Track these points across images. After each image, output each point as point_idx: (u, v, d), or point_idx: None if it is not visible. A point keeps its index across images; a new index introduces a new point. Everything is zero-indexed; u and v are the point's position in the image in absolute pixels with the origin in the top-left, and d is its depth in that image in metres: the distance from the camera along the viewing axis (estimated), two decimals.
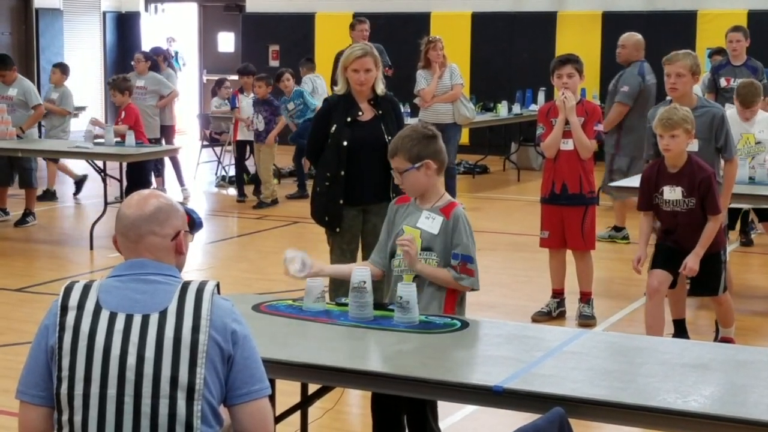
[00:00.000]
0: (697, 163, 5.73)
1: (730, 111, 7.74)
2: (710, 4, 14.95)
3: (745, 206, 7.96)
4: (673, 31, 14.85)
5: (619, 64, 9.68)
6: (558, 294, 7.17)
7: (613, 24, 15.36)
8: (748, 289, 8.17)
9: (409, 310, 3.88)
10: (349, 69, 5.85)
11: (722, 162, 6.27)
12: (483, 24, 16.12)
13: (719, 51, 10.45)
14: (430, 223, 4.20)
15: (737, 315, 6.52)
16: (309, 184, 9.98)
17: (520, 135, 14.65)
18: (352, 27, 11.91)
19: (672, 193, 5.71)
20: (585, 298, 7.09)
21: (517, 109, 14.16)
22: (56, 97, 11.75)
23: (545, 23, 15.80)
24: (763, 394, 3.19)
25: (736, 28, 9.90)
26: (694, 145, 5.91)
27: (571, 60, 6.93)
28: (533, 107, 14.51)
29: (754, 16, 14.48)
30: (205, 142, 14.30)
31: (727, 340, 6.24)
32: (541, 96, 14.75)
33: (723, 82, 9.36)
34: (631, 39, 9.59)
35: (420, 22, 16.02)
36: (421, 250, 4.18)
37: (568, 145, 6.85)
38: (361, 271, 3.98)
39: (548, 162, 7.01)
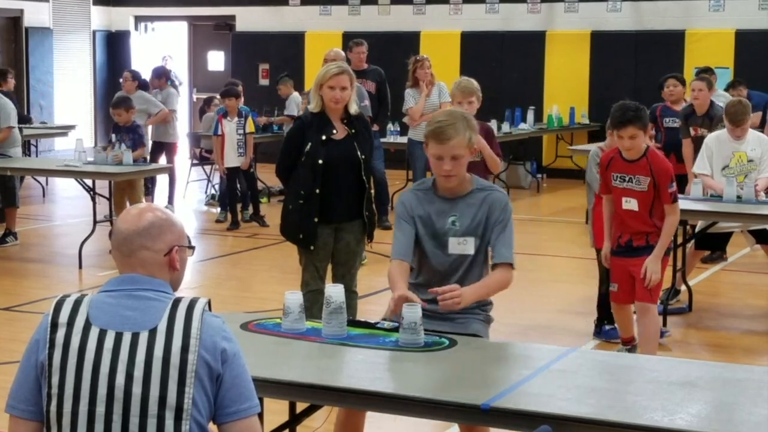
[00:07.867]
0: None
1: (719, 132, 7.73)
2: (698, 24, 15.03)
3: (735, 228, 7.91)
4: (661, 51, 14.95)
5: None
6: (629, 341, 6.52)
7: (602, 43, 15.46)
8: (737, 307, 8.18)
9: (416, 331, 3.85)
10: (324, 86, 5.89)
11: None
12: (472, 43, 16.18)
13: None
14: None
15: (725, 333, 6.50)
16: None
17: (510, 154, 14.68)
18: (349, 49, 11.62)
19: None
20: None
21: (506, 128, 14.20)
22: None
23: (534, 42, 15.87)
24: (750, 411, 3.20)
25: (701, 78, 9.42)
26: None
27: (634, 119, 5.72)
28: (522, 126, 14.58)
29: (741, 35, 14.57)
30: (195, 161, 14.29)
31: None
32: (530, 115, 14.82)
33: (691, 131, 9.19)
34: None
35: (410, 41, 16.07)
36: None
37: (630, 205, 5.96)
38: (334, 289, 3.99)
39: (616, 215, 6.11)
